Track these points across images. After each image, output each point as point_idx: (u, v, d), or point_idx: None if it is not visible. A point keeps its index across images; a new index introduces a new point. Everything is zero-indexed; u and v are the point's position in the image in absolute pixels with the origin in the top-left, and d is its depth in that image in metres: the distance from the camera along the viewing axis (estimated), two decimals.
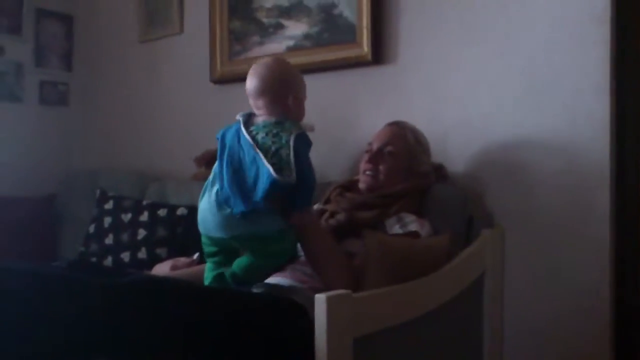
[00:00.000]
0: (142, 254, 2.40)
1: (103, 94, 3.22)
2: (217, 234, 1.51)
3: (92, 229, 2.58)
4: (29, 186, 2.95)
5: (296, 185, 1.45)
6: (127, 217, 2.51)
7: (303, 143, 1.50)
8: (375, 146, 1.88)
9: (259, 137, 1.49)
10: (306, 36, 2.40)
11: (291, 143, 1.46)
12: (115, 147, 3.14)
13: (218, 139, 1.57)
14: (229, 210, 1.46)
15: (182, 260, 1.94)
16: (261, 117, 1.58)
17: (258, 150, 1.45)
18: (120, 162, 3.06)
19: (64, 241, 2.83)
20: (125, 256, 2.43)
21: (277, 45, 2.49)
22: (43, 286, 1.24)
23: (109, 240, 2.50)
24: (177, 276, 1.83)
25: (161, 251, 2.39)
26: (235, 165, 1.47)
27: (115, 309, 1.24)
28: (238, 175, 1.46)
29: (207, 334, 1.30)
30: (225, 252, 1.56)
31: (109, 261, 2.46)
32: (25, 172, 3.01)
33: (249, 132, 1.51)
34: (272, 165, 1.41)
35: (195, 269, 1.77)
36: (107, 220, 2.55)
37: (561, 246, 1.85)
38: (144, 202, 2.56)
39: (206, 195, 1.54)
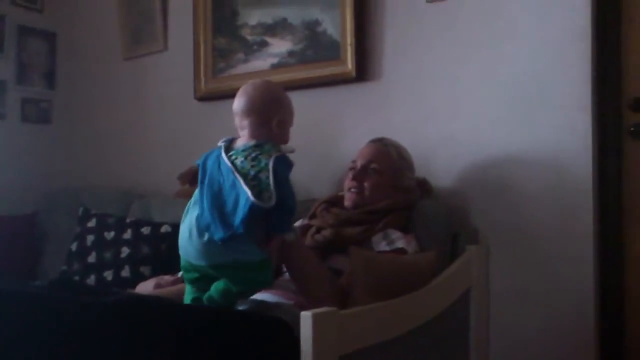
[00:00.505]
0: (125, 272, 2.38)
1: (86, 112, 3.20)
2: (197, 261, 1.47)
3: (74, 247, 2.55)
4: (11, 204, 2.92)
5: (276, 208, 1.43)
6: (110, 235, 2.49)
7: (283, 165, 1.48)
8: (359, 164, 1.89)
9: (238, 161, 1.47)
10: (290, 53, 2.41)
11: (270, 166, 1.44)
12: (99, 164, 3.12)
13: (199, 164, 1.55)
14: (207, 237, 1.43)
15: (166, 278, 1.92)
16: (242, 141, 1.57)
17: (237, 175, 1.43)
18: (104, 179, 3.04)
19: (46, 259, 2.80)
20: (109, 274, 2.41)
21: (261, 63, 2.49)
22: (24, 306, 1.22)
23: (91, 258, 2.48)
24: (161, 294, 1.81)
25: (145, 269, 2.36)
26: (215, 190, 1.45)
27: (99, 329, 1.23)
28: (218, 200, 1.43)
29: (192, 352, 1.29)
30: (205, 278, 1.53)
31: (91, 280, 2.43)
32: (7, 190, 2.98)
33: (229, 157, 1.49)
34: (252, 188, 1.40)
35: (180, 286, 1.75)
36: (90, 238, 2.53)
37: (546, 261, 1.86)
38: (128, 220, 2.54)
39: (187, 220, 1.51)
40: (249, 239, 1.44)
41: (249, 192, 1.38)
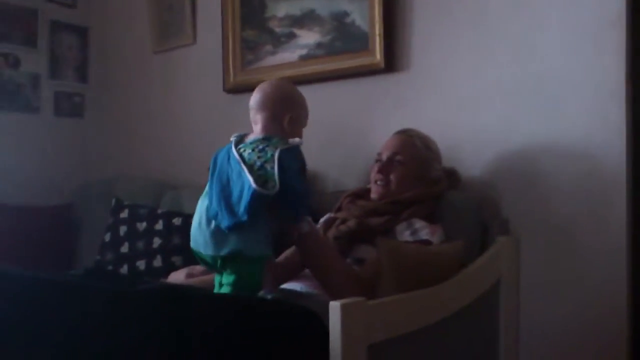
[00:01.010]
0: (157, 262, 2.42)
1: (118, 105, 3.25)
2: (205, 251, 1.52)
3: (107, 237, 2.60)
4: (46, 196, 2.98)
5: (286, 197, 1.46)
6: (142, 225, 2.53)
7: (289, 155, 1.51)
8: (384, 156, 1.88)
9: (246, 153, 1.51)
10: (319, 45, 2.41)
11: (275, 156, 1.47)
12: (130, 156, 3.17)
13: (211, 162, 1.58)
14: (214, 225, 1.48)
15: (198, 268, 1.94)
16: (253, 135, 1.60)
17: (243, 165, 1.47)
18: (136, 171, 3.08)
19: (80, 250, 2.86)
20: (141, 264, 2.45)
21: (289, 55, 2.50)
22: (59, 294, 1.25)
23: (124, 248, 2.52)
24: (192, 284, 1.84)
25: (176, 259, 2.40)
26: (223, 181, 1.50)
27: (132, 318, 1.25)
28: (225, 191, 1.48)
29: (224, 341, 1.30)
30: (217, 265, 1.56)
31: (124, 269, 2.48)
32: (41, 182, 3.05)
33: (237, 150, 1.53)
34: (257, 178, 1.43)
35: (211, 276, 1.78)
36: (123, 229, 2.57)
37: (577, 253, 1.84)
38: (159, 211, 2.57)
39: (196, 212, 1.56)
40: (256, 230, 1.47)
41: (251, 180, 1.41)
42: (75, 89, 3.26)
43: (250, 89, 2.58)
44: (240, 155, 1.51)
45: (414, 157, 1.86)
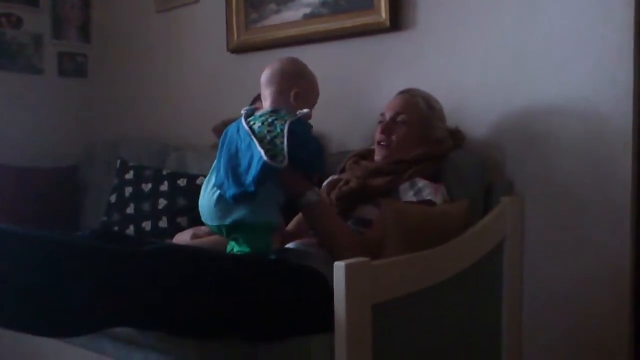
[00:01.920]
0: (163, 222, 2.43)
1: (121, 65, 3.23)
2: (211, 222, 1.57)
3: (113, 198, 2.61)
4: (51, 157, 2.99)
5: (300, 167, 1.52)
6: (147, 186, 2.54)
7: (299, 126, 1.54)
8: (387, 116, 1.87)
9: (256, 126, 1.54)
10: (323, 3, 2.37)
11: (285, 131, 1.49)
12: (135, 117, 3.16)
13: (222, 135, 1.61)
14: (219, 195, 1.51)
15: (203, 228, 1.96)
16: (261, 110, 1.63)
17: (253, 137, 1.49)
18: (140, 132, 3.07)
19: (86, 211, 2.88)
20: (147, 225, 2.46)
21: (293, 13, 2.46)
22: (67, 255, 1.26)
23: (130, 209, 2.54)
24: (198, 244, 1.86)
25: (182, 220, 2.41)
26: (231, 152, 1.52)
27: (139, 277, 1.27)
28: (233, 161, 1.51)
29: (230, 299, 1.32)
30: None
31: (130, 230, 2.50)
32: (46, 144, 3.05)
33: (247, 123, 1.55)
34: (267, 151, 1.45)
35: (216, 237, 1.79)
36: (128, 190, 2.58)
37: (582, 213, 1.84)
38: (164, 172, 2.58)
39: (204, 183, 1.60)
40: (261, 199, 1.48)
41: (262, 152, 1.42)
42: (79, 49, 3.24)
43: (254, 48, 2.59)
44: (250, 127, 1.53)
45: (417, 116, 1.85)
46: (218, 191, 1.51)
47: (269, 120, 1.54)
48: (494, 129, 1.98)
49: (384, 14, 2.18)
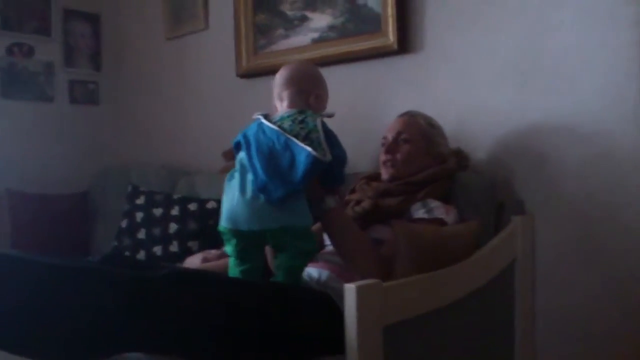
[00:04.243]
0: (174, 247, 2.44)
1: (132, 92, 3.26)
2: (249, 226, 1.48)
3: (124, 223, 2.62)
4: (63, 184, 3.01)
5: (332, 164, 1.47)
6: (158, 211, 2.55)
7: (328, 126, 1.53)
8: (389, 137, 1.90)
9: (286, 125, 1.51)
10: (331, 27, 2.39)
11: (319, 126, 1.48)
12: (145, 143, 3.18)
13: (238, 141, 1.57)
14: (262, 199, 1.45)
15: (213, 252, 1.96)
16: (280, 111, 1.61)
17: (289, 135, 1.46)
18: (151, 157, 3.10)
19: (97, 236, 2.89)
20: (158, 250, 2.47)
21: (302, 38, 2.49)
22: (78, 280, 1.26)
23: (141, 234, 2.54)
24: (208, 268, 1.86)
25: (193, 244, 2.42)
26: (265, 153, 1.47)
27: (150, 302, 1.27)
28: (271, 162, 1.45)
29: (241, 325, 1.32)
30: (250, 247, 1.55)
31: (141, 255, 2.50)
32: (58, 170, 3.07)
33: (274, 123, 1.52)
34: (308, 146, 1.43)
35: (226, 260, 1.79)
36: (139, 215, 2.59)
37: (593, 232, 1.82)
38: (175, 197, 2.59)
39: (233, 188, 1.52)
40: (302, 201, 1.48)
41: (308, 148, 1.41)
42: (90, 77, 3.28)
43: (263, 73, 2.61)
44: (280, 127, 1.50)
45: (418, 134, 1.88)
46: (261, 195, 1.45)
47: (299, 118, 1.52)
48: (504, 149, 1.98)
49: (391, 37, 2.19)
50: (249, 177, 1.48)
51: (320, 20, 2.42)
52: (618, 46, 1.77)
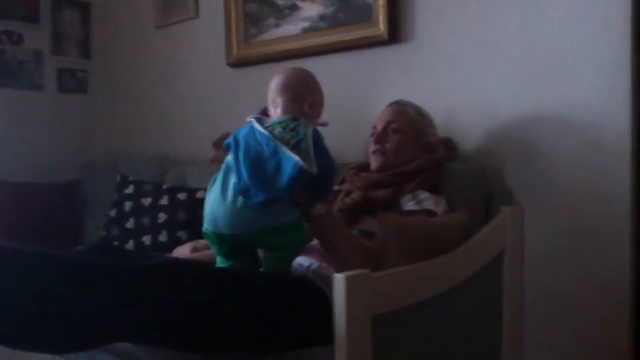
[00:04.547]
0: (163, 237, 2.43)
1: (121, 80, 3.24)
2: (230, 230, 1.48)
3: (113, 213, 2.61)
4: (51, 173, 3.00)
5: (320, 175, 1.45)
6: (147, 201, 2.54)
7: (319, 136, 1.52)
8: (379, 127, 1.90)
9: (277, 131, 1.49)
10: (322, 17, 2.38)
11: (309, 136, 1.47)
12: (135, 132, 3.17)
13: (230, 142, 1.55)
14: (242, 202, 1.45)
15: (202, 242, 1.95)
16: (274, 116, 1.60)
17: (279, 142, 1.45)
18: (140, 147, 3.08)
19: (86, 226, 2.88)
20: (147, 239, 2.46)
21: (292, 27, 2.48)
22: (66, 271, 1.26)
23: (130, 224, 2.53)
24: (197, 258, 1.86)
25: (182, 234, 2.41)
26: (252, 157, 1.46)
27: (139, 292, 1.26)
28: (257, 167, 1.45)
29: (231, 312, 1.32)
30: (235, 247, 1.54)
31: (130, 245, 2.49)
32: (46, 159, 3.06)
33: (265, 128, 1.51)
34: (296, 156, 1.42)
35: None
36: (128, 205, 2.58)
37: (581, 222, 1.83)
38: (164, 186, 2.58)
39: (215, 190, 1.52)
40: (284, 203, 1.47)
41: (296, 158, 1.40)
42: (79, 65, 3.26)
43: (253, 62, 2.60)
44: (271, 132, 1.49)
45: (408, 123, 1.88)
46: (242, 199, 1.45)
47: (291, 126, 1.50)
48: (493, 139, 1.98)
49: (382, 26, 2.19)
50: (232, 179, 1.48)
51: (310, 10, 2.41)
52: (609, 39, 1.77)
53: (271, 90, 1.63)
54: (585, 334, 1.83)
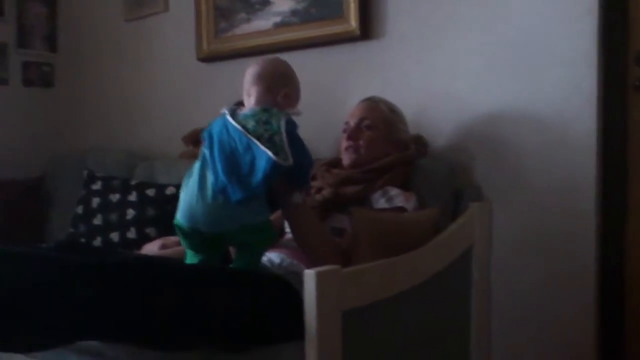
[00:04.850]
0: (131, 233, 2.40)
1: (89, 74, 3.19)
2: (209, 228, 1.46)
3: (80, 209, 2.57)
4: (16, 168, 2.94)
5: (295, 167, 1.44)
6: (115, 197, 2.51)
7: (293, 126, 1.50)
8: (352, 123, 1.90)
9: (250, 125, 1.47)
10: (293, 12, 2.38)
11: (283, 128, 1.45)
12: (102, 127, 3.12)
13: (204, 136, 1.54)
14: (221, 200, 1.43)
15: (172, 239, 1.93)
16: (247, 108, 1.58)
17: (252, 137, 1.43)
18: (108, 142, 3.04)
19: (52, 223, 2.83)
20: (115, 236, 2.43)
21: (264, 22, 2.47)
22: (31, 268, 1.24)
23: (97, 220, 2.50)
24: (166, 255, 1.84)
25: (150, 230, 2.39)
26: (227, 154, 1.44)
27: (106, 289, 1.24)
28: (232, 163, 1.43)
29: (199, 309, 1.31)
30: (208, 243, 1.52)
31: (98, 241, 2.46)
32: (11, 155, 2.99)
33: (238, 122, 1.49)
34: (269, 150, 1.40)
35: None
36: (96, 201, 2.54)
37: (548, 217, 1.86)
38: (132, 182, 2.55)
39: (192, 187, 1.49)
40: (261, 199, 1.46)
41: (269, 152, 1.39)
42: (45, 59, 3.20)
43: (224, 57, 2.58)
44: (244, 127, 1.47)
45: (381, 120, 1.89)
46: (220, 196, 1.43)
47: (263, 118, 1.48)
48: (462, 136, 2.00)
49: (354, 22, 2.19)
50: (210, 176, 1.46)
51: (282, 5, 2.40)
52: (577, 37, 1.80)
53: (246, 80, 1.62)
54: (552, 329, 1.87)
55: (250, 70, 1.62)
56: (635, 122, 1.81)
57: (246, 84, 1.61)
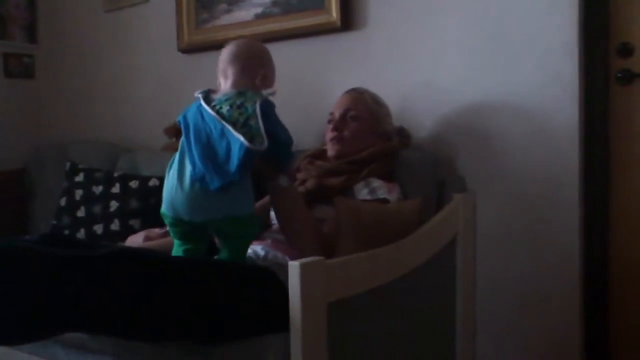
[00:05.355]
0: (115, 225, 2.39)
1: (69, 65, 3.16)
2: (190, 217, 1.46)
3: (63, 202, 2.56)
4: None
5: (275, 149, 1.44)
6: (98, 189, 2.49)
7: (269, 108, 1.49)
8: (337, 114, 1.91)
9: (224, 110, 1.46)
10: (274, 3, 2.37)
11: (257, 111, 1.44)
12: (84, 119, 3.09)
13: (180, 121, 1.53)
14: (199, 188, 1.42)
15: (156, 230, 1.93)
16: (223, 90, 1.56)
17: (225, 123, 1.42)
18: (90, 134, 3.02)
19: (35, 215, 2.81)
20: (98, 228, 2.42)
21: (245, 13, 2.45)
22: (14, 261, 1.23)
23: (80, 212, 2.48)
24: (151, 247, 1.83)
25: (134, 222, 2.38)
26: (203, 141, 1.44)
27: (91, 282, 1.24)
28: (208, 151, 1.42)
29: (184, 301, 1.31)
30: (195, 231, 1.52)
31: (81, 234, 2.44)
32: None
33: (212, 107, 1.48)
34: (244, 135, 1.40)
35: (169, 239, 1.77)
36: (79, 193, 2.53)
37: (532, 207, 1.88)
38: (115, 174, 2.53)
39: (172, 176, 1.49)
40: (244, 187, 1.45)
41: (241, 138, 1.38)
42: (25, 50, 3.15)
43: (205, 48, 2.57)
44: (218, 112, 1.45)
45: (366, 111, 1.89)
46: (199, 185, 1.42)
47: (238, 102, 1.47)
48: (445, 127, 2.01)
49: (335, 13, 2.19)
50: (188, 165, 1.45)
51: None
52: (556, 26, 1.81)
53: (222, 60, 1.60)
54: (537, 319, 1.89)
55: (226, 49, 1.60)
56: (618, 113, 1.83)
57: (222, 63, 1.59)
